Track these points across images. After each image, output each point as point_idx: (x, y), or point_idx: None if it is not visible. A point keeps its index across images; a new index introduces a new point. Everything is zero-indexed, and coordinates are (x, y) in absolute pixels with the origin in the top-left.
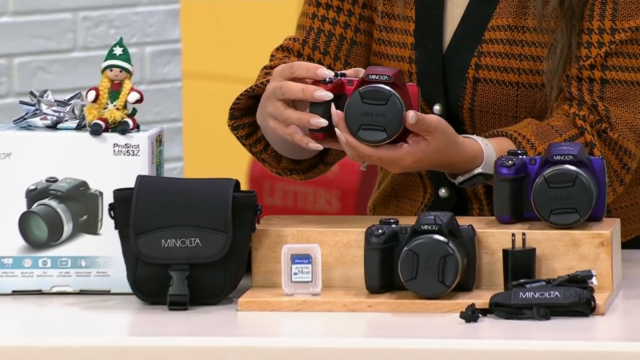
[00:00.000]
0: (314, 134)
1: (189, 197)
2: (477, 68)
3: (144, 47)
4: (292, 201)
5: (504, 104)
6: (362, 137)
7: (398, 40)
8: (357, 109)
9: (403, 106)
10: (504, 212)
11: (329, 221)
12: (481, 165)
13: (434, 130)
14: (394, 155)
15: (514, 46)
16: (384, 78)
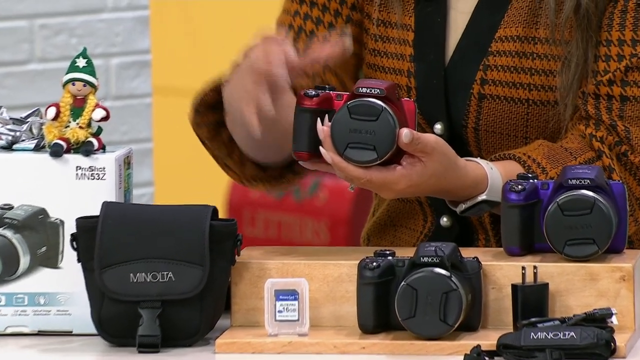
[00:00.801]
0: (297, 153)
1: (160, 226)
2: (482, 83)
3: (109, 58)
4: (275, 232)
5: (513, 123)
6: (350, 156)
7: (395, 51)
8: (345, 125)
9: (396, 123)
10: (513, 242)
11: (318, 253)
12: (485, 192)
13: (431, 151)
14: (386, 178)
15: (523, 59)
16: (375, 92)
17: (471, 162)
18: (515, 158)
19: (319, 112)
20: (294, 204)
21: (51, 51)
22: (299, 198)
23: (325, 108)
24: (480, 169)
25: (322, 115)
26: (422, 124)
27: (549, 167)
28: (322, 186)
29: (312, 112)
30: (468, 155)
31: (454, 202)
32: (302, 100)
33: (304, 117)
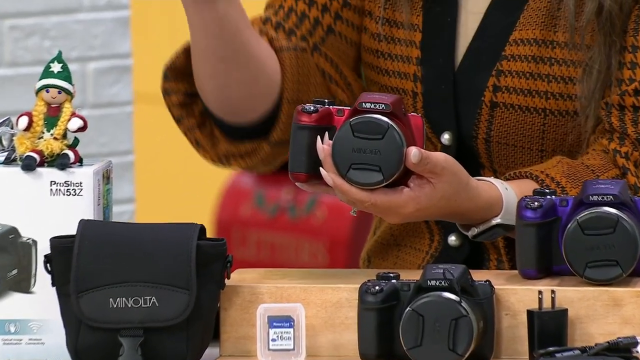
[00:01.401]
0: (295, 174)
1: (143, 246)
2: (495, 90)
3: (86, 62)
4: (268, 253)
5: (528, 134)
6: (353, 178)
7: (401, 54)
8: (348, 144)
9: (403, 141)
10: (529, 264)
11: (315, 275)
12: (500, 215)
13: (441, 171)
14: (393, 201)
15: (540, 64)
16: (380, 107)
17: (484, 182)
18: (532, 176)
19: (318, 130)
20: (289, 223)
21: (22, 55)
22: (295, 216)
23: (325, 125)
24: (494, 190)
25: (322, 133)
26: (428, 134)
27: (568, 186)
28: (319, 203)
29: (311, 130)
30: (478, 169)
31: (465, 226)
32: (300, 117)
33: (301, 134)
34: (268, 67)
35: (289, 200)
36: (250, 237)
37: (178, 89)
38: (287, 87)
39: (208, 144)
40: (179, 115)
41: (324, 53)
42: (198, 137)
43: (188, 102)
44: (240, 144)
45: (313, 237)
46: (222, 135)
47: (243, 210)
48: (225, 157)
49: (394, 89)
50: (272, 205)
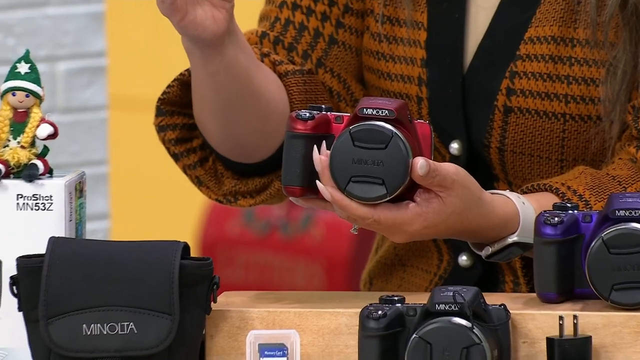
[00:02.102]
0: (288, 188)
1: (119, 266)
2: (509, 94)
3: (56, 62)
4: (257, 276)
5: (546, 142)
6: (353, 192)
7: (404, 55)
8: (347, 155)
9: (409, 151)
10: (549, 286)
11: (311, 299)
12: (516, 233)
13: (451, 184)
14: (397, 218)
15: (559, 65)
16: (383, 113)
17: (499, 196)
18: (552, 189)
19: (315, 138)
20: (282, 242)
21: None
22: (288, 235)
23: (322, 133)
24: (509, 205)
25: (319, 142)
26: (435, 143)
27: (592, 199)
28: (315, 220)
29: (306, 139)
30: (491, 182)
31: (478, 245)
32: (294, 124)
33: (296, 144)
34: (278, 102)
35: (282, 216)
36: (238, 257)
37: (174, 124)
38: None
39: (212, 182)
40: (178, 153)
41: (329, 69)
42: (200, 175)
43: (186, 137)
44: (249, 181)
45: (309, 257)
46: (228, 172)
47: (230, 228)
48: (232, 195)
49: (396, 94)
50: (262, 223)
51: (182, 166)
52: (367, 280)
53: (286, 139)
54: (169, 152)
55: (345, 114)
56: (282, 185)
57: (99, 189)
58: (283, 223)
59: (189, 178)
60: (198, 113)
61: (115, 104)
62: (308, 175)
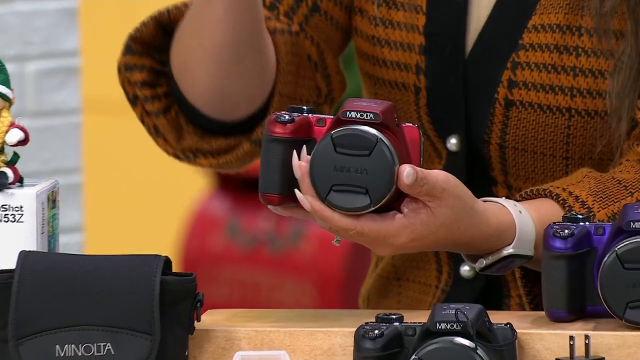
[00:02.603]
0: (266, 196)
1: (96, 282)
2: (510, 86)
3: (25, 62)
4: (243, 294)
5: (550, 139)
6: (335, 202)
7: (401, 40)
8: (328, 162)
9: (395, 158)
10: (558, 304)
11: (303, 317)
12: (512, 244)
13: (441, 193)
14: (382, 230)
15: (565, 55)
16: (367, 117)
17: (493, 205)
18: (552, 195)
19: (295, 143)
20: (270, 258)
21: None
22: (276, 250)
23: (302, 137)
24: (505, 214)
25: (299, 147)
26: (432, 138)
27: (596, 206)
28: (306, 234)
29: (286, 143)
30: (489, 181)
31: (472, 257)
32: (272, 127)
33: (274, 148)
34: (271, 55)
35: (269, 230)
36: (222, 274)
37: (143, 65)
38: (280, 79)
39: (171, 134)
40: (141, 96)
41: (309, 35)
42: (160, 125)
43: (152, 82)
44: (213, 140)
45: (299, 274)
46: (190, 126)
47: (213, 242)
48: (191, 152)
49: (392, 83)
50: (248, 237)
51: (140, 112)
52: (365, 297)
53: (264, 143)
54: (128, 96)
55: (328, 117)
56: (260, 192)
57: (72, 199)
58: (271, 237)
59: (146, 127)
60: (187, 57)
61: (90, 107)
62: (287, 182)
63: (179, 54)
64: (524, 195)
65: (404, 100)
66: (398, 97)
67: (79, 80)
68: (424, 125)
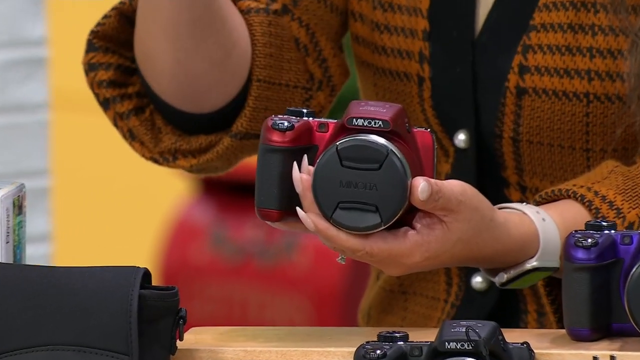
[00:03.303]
0: (263, 211)
1: (67, 297)
2: (522, 71)
3: None
4: (230, 311)
5: (568, 129)
6: (341, 221)
7: (402, 25)
8: (334, 176)
9: (407, 171)
10: (581, 321)
11: (297, 336)
12: (536, 256)
13: (457, 206)
14: (394, 249)
15: (580, 34)
16: (376, 124)
17: (513, 214)
18: (576, 197)
19: (295, 152)
20: (260, 271)
21: None
22: (268, 262)
23: (303, 145)
24: (527, 224)
25: (299, 156)
26: (438, 133)
27: (626, 206)
28: (301, 245)
29: (285, 153)
30: (501, 183)
31: (491, 271)
32: (269, 135)
33: (272, 159)
34: (240, 35)
35: (259, 240)
36: (207, 289)
37: (108, 63)
38: (257, 63)
39: (147, 136)
40: (110, 98)
41: (297, 17)
42: (134, 127)
43: (121, 81)
44: (192, 139)
45: (293, 289)
46: (168, 127)
47: (196, 254)
48: (170, 153)
49: (393, 72)
50: (235, 247)
51: (112, 115)
52: (366, 312)
53: (260, 154)
54: (99, 99)
55: (331, 120)
56: (256, 207)
57: (40, 205)
58: (261, 249)
59: (120, 132)
60: (147, 43)
61: (60, 102)
62: (287, 196)
63: (140, 41)
64: (544, 197)
65: (407, 92)
66: (400, 89)
67: (46, 72)
68: (428, 120)
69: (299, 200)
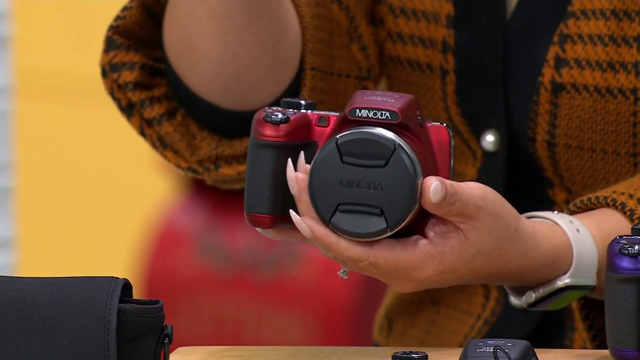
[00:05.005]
0: (253, 216)
1: (35, 312)
2: (558, 65)
3: None
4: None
5: (612, 131)
6: (341, 225)
7: (424, 9)
8: (333, 174)
9: (418, 169)
10: (627, 340)
11: (298, 356)
12: (568, 272)
13: (476, 212)
14: (402, 260)
15: (626, 21)
16: (383, 116)
17: (543, 224)
18: (616, 205)
19: (290, 149)
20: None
21: None
22: (267, 274)
23: (300, 141)
24: (558, 235)
25: (295, 154)
26: (464, 135)
27: None
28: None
29: (278, 149)
30: (544, 188)
31: (517, 289)
32: (261, 129)
33: (263, 156)
34: (293, 17)
35: (256, 249)
36: (195, 304)
37: (132, 62)
38: (309, 49)
39: (182, 143)
40: (137, 102)
41: None
42: (166, 134)
43: (147, 83)
44: (235, 142)
45: (296, 305)
46: (204, 131)
47: (183, 264)
48: (211, 161)
49: (412, 63)
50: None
51: (138, 123)
52: (384, 324)
53: (250, 149)
54: (121, 105)
55: (333, 113)
56: (245, 211)
57: (1, 206)
58: (258, 259)
59: (149, 141)
60: (188, 27)
61: (26, 87)
62: (281, 199)
63: (178, 27)
64: (580, 205)
65: (428, 86)
66: (420, 82)
67: (10, 52)
68: (452, 119)
69: (295, 203)
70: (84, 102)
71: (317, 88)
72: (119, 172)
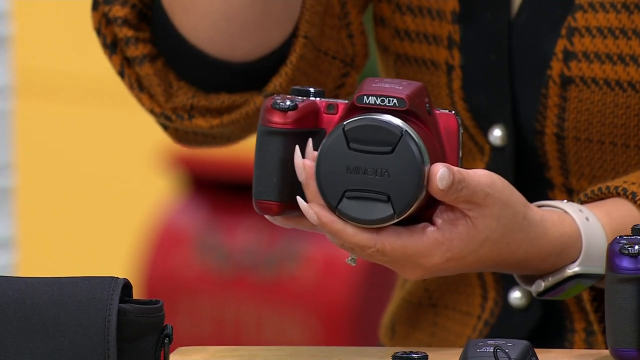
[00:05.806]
0: (261, 203)
1: (37, 312)
2: (567, 58)
3: None
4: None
5: (621, 124)
6: (348, 212)
7: (429, 5)
8: (340, 161)
9: (425, 156)
10: (627, 341)
11: (301, 356)
12: (578, 261)
13: (484, 200)
14: (410, 247)
15: (636, 14)
16: (390, 103)
17: (552, 212)
18: (627, 194)
19: (298, 136)
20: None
21: None
22: (268, 273)
23: (308, 128)
24: (567, 223)
25: (303, 141)
26: (470, 129)
27: None
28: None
29: (286, 136)
30: (545, 184)
31: (525, 278)
32: (269, 116)
33: (272, 143)
34: None
35: (256, 249)
36: (195, 304)
37: (125, 0)
38: (306, 18)
39: (160, 87)
40: (123, 39)
41: None
42: (146, 75)
43: (135, 24)
44: (213, 97)
45: (296, 304)
46: (180, 81)
47: (183, 264)
48: (185, 110)
49: (418, 59)
50: (228, 257)
51: (120, 62)
52: (389, 327)
53: (259, 137)
54: (105, 41)
55: (341, 101)
56: (254, 199)
57: (1, 206)
58: (259, 258)
59: (126, 82)
60: None
61: (26, 87)
62: (289, 186)
63: None
64: (590, 195)
65: (434, 82)
66: (426, 78)
67: (10, 52)
68: (459, 114)
69: (303, 190)
70: (84, 102)
71: (305, 58)
72: (119, 172)
